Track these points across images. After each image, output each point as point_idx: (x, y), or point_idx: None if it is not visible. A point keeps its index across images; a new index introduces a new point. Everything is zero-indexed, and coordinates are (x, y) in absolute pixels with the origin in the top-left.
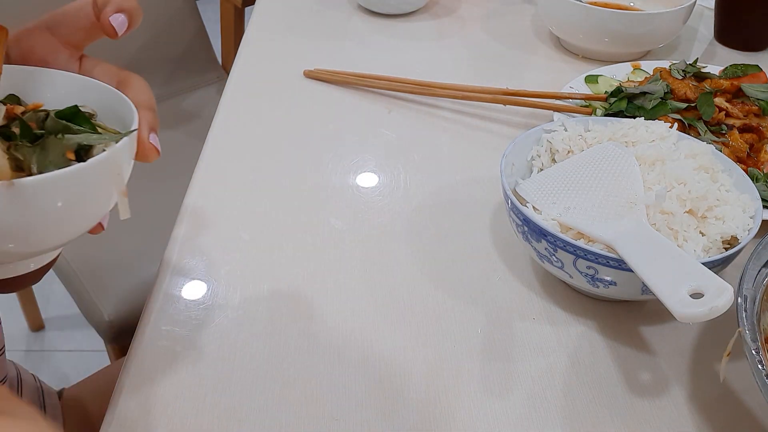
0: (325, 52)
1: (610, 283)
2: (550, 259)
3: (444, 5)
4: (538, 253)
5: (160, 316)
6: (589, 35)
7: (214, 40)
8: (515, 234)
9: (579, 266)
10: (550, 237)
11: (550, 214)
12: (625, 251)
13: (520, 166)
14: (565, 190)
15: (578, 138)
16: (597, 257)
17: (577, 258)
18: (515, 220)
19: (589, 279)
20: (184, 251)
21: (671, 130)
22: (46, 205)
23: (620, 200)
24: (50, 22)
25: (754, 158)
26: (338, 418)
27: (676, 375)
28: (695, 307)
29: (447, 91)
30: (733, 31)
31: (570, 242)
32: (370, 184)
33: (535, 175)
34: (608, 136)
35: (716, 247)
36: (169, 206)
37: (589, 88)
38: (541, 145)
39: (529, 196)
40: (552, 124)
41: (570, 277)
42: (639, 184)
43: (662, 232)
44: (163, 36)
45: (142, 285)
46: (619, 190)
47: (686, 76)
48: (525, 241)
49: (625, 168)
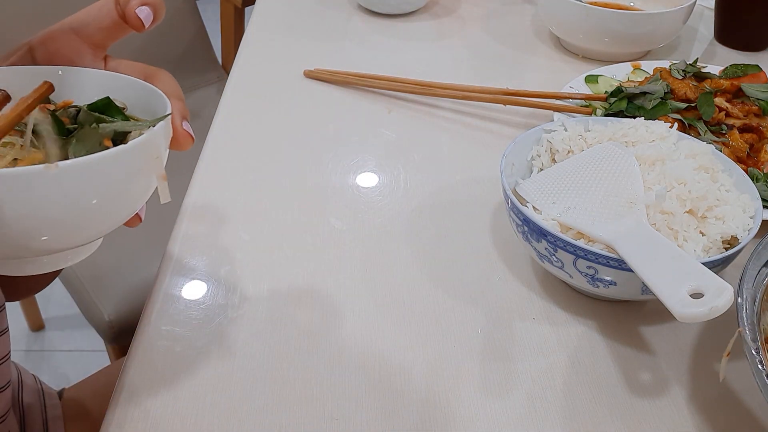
0: (325, 52)
1: (610, 283)
2: (550, 259)
3: (444, 5)
4: (538, 253)
5: (160, 316)
6: (589, 35)
7: (214, 40)
8: (515, 234)
9: (579, 266)
10: (550, 237)
11: (550, 214)
12: (624, 251)
13: (520, 166)
14: (566, 190)
15: (578, 138)
16: (597, 257)
17: (577, 258)
18: (515, 220)
19: (589, 279)
20: (184, 251)
21: (671, 130)
22: (89, 189)
23: (620, 200)
24: (74, 23)
25: (754, 158)
26: (338, 418)
27: (676, 375)
28: (695, 307)
29: (447, 91)
30: (733, 31)
31: (570, 242)
32: (370, 184)
33: (535, 175)
34: (608, 136)
35: (716, 247)
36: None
37: (589, 88)
38: (541, 145)
39: (529, 196)
40: (552, 124)
41: (570, 277)
42: (639, 184)
43: (662, 232)
44: (163, 36)
45: (142, 285)
46: (620, 190)
47: (686, 76)
48: (525, 241)
49: (626, 168)
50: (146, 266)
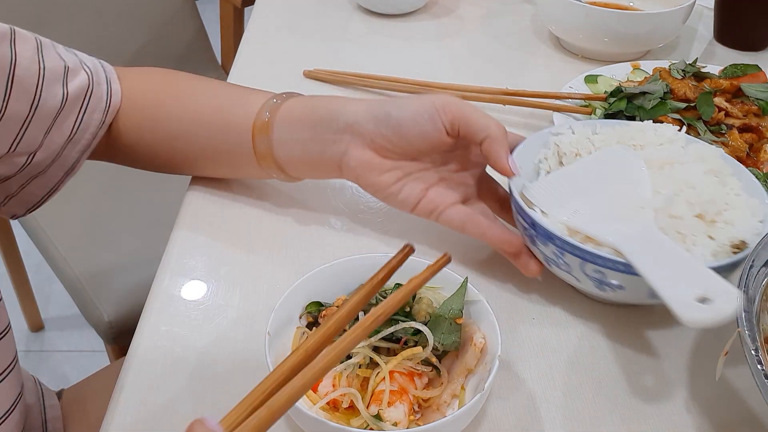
0: (325, 52)
1: (617, 287)
2: (557, 263)
3: (444, 5)
4: (545, 257)
5: (160, 316)
6: (588, 35)
7: (214, 40)
8: (521, 237)
9: (586, 270)
10: (558, 241)
11: (558, 218)
12: (632, 255)
13: (527, 169)
14: (574, 193)
15: (586, 141)
16: (605, 261)
17: (585, 262)
18: (522, 223)
19: (597, 283)
20: (184, 251)
21: (679, 133)
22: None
23: (628, 204)
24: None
25: (753, 158)
26: None
27: (676, 375)
28: (702, 312)
29: (446, 91)
30: (733, 31)
31: (577, 246)
32: None
33: (542, 178)
34: (616, 139)
35: (725, 251)
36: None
37: (589, 88)
38: (548, 148)
39: (537, 199)
40: (559, 127)
41: (577, 281)
42: (648, 187)
43: (670, 236)
44: (163, 36)
45: (142, 285)
46: (628, 194)
47: (686, 75)
48: (532, 244)
49: (634, 171)
50: (146, 266)
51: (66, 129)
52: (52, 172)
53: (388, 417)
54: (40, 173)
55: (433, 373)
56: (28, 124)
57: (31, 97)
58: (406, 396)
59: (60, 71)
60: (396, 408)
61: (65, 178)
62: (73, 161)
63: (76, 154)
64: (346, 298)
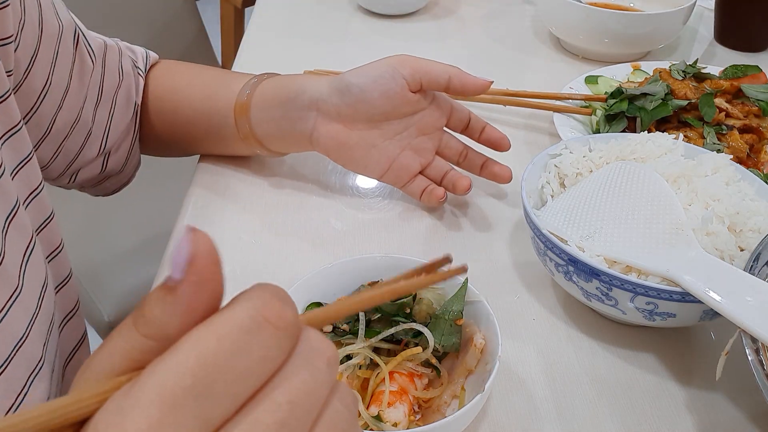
0: (325, 53)
1: (668, 315)
2: (601, 298)
3: (444, 6)
4: (585, 293)
5: None
6: (589, 36)
7: (214, 40)
8: (551, 273)
9: (637, 303)
10: (604, 276)
11: (581, 244)
12: (690, 284)
13: (532, 194)
14: (590, 216)
15: (583, 159)
16: (658, 292)
17: (636, 295)
18: (555, 260)
19: (647, 314)
20: None
21: (677, 142)
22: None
23: (664, 227)
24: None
25: (754, 159)
26: None
27: (676, 375)
28: None
29: None
30: (733, 31)
31: (627, 280)
32: (370, 184)
33: (550, 204)
34: (615, 155)
35: None
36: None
37: (589, 88)
38: (549, 171)
39: (552, 226)
40: (556, 147)
41: (623, 313)
42: (678, 207)
43: (711, 254)
44: (163, 36)
45: (142, 285)
46: (659, 216)
47: (686, 76)
48: (568, 280)
49: (657, 190)
50: (146, 266)
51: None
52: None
53: (388, 418)
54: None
55: (434, 373)
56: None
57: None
58: (406, 397)
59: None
60: (396, 409)
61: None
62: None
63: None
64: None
